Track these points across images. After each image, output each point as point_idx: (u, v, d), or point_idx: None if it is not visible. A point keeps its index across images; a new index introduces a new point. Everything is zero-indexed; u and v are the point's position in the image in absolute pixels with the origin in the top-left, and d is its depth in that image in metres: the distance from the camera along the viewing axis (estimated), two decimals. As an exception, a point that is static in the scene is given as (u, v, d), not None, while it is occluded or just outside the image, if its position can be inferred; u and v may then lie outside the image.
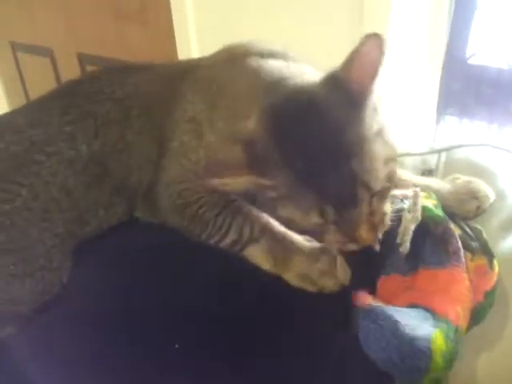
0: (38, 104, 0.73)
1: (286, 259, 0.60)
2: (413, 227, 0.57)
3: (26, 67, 2.27)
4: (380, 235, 0.55)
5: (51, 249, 0.65)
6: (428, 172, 0.72)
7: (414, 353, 0.49)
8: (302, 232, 0.61)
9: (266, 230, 0.61)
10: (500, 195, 0.66)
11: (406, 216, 0.57)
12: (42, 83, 2.17)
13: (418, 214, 0.57)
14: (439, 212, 0.59)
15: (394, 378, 0.52)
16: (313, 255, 0.59)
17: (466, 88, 1.18)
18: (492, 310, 0.57)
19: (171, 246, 0.66)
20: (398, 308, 0.54)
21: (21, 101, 2.38)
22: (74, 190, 0.67)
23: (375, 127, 0.53)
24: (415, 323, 0.51)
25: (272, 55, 0.66)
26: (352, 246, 0.56)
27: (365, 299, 0.55)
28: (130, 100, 0.71)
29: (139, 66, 0.78)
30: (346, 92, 0.52)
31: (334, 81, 0.54)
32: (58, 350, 0.60)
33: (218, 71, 0.69)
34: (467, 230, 0.61)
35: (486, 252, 0.59)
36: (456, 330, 0.52)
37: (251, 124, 0.55)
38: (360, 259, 0.58)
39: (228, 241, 0.62)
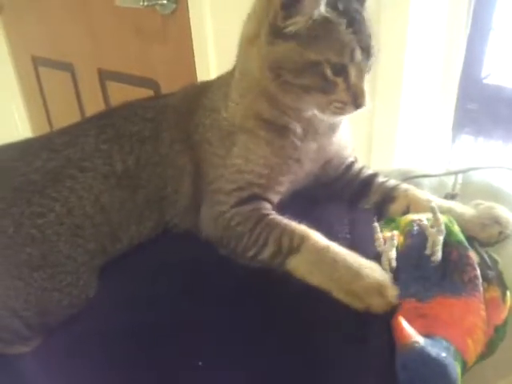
0: (75, 126, 0.77)
1: (331, 272, 0.60)
2: (441, 239, 0.58)
3: (46, 81, 2.32)
4: None
5: (81, 266, 0.68)
6: (451, 196, 0.72)
7: None
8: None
9: (307, 238, 0.62)
10: None
11: (431, 231, 0.59)
12: (61, 97, 2.25)
13: (442, 227, 0.59)
14: (460, 238, 0.60)
15: None
16: (361, 270, 0.59)
17: (481, 107, 1.19)
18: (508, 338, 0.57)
19: (192, 262, 0.69)
20: (432, 342, 0.52)
21: (40, 114, 2.45)
22: (108, 205, 0.70)
23: None
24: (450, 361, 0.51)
25: None
26: (351, 109, 0.64)
27: (410, 336, 0.53)
28: (159, 117, 0.75)
29: (166, 94, 0.86)
30: None
31: None
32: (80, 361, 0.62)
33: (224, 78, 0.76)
34: (485, 257, 0.61)
35: (500, 283, 0.59)
36: (464, 364, 0.52)
37: None
38: None
39: (267, 253, 0.63)
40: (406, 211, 0.69)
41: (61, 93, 2.23)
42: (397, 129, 1.17)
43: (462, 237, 0.60)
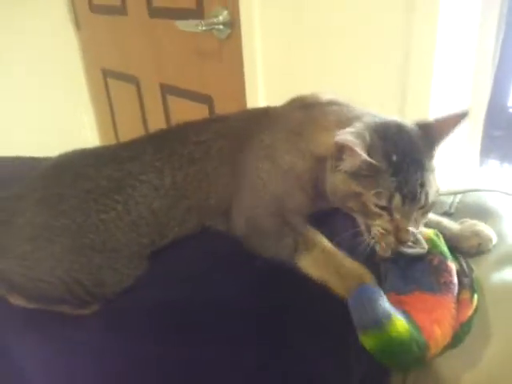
0: (137, 143, 0.91)
1: (337, 273, 0.71)
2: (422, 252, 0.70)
3: (114, 92, 2.50)
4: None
5: (133, 253, 0.82)
6: (447, 215, 0.82)
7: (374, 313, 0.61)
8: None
9: (319, 243, 0.74)
10: (502, 235, 0.75)
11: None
12: (127, 108, 2.41)
13: (424, 245, 0.71)
14: (441, 247, 0.70)
15: None
16: (359, 274, 0.69)
17: (506, 135, 1.26)
18: (477, 335, 0.66)
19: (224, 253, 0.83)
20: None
21: (107, 122, 2.62)
22: (157, 210, 0.84)
23: (434, 166, 0.72)
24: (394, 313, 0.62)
25: (332, 103, 0.83)
26: (390, 240, 0.69)
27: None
28: (210, 142, 0.87)
29: (217, 118, 0.96)
30: (429, 135, 0.71)
31: (425, 124, 0.73)
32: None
33: (296, 113, 0.85)
34: (464, 266, 0.72)
35: (471, 288, 0.69)
36: (424, 343, 0.61)
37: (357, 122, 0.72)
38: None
39: (286, 252, 0.75)
40: None
41: (126, 103, 2.40)
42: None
43: (445, 248, 0.71)
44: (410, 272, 0.69)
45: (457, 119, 0.71)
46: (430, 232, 0.73)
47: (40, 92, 2.41)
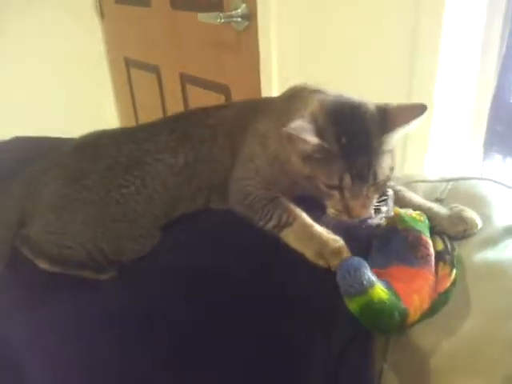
0: (153, 126, 0.99)
1: (308, 240, 0.78)
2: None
3: (136, 81, 2.59)
4: (365, 216, 0.77)
5: (149, 224, 0.90)
6: (438, 200, 0.87)
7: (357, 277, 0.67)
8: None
9: (299, 217, 0.81)
10: (487, 220, 0.80)
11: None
12: (147, 96, 2.49)
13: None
14: (416, 225, 0.76)
15: None
16: (328, 240, 0.77)
17: (509, 129, 1.31)
18: (457, 309, 0.72)
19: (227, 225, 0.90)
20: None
21: (129, 110, 2.71)
22: (171, 186, 0.92)
23: (389, 148, 0.77)
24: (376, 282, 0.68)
25: (316, 92, 0.88)
26: (344, 217, 0.77)
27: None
28: (217, 126, 0.95)
29: (225, 105, 1.06)
30: (385, 120, 0.76)
31: (384, 109, 0.77)
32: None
33: (284, 103, 0.92)
34: (448, 246, 0.77)
35: (452, 264, 0.74)
36: (404, 310, 0.67)
37: (315, 107, 0.78)
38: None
39: (270, 225, 0.82)
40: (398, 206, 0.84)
41: (147, 92, 2.48)
42: (428, 149, 1.31)
43: (420, 225, 0.77)
44: (390, 247, 0.76)
45: (414, 111, 0.75)
46: (416, 212, 0.79)
47: (65, 79, 2.51)
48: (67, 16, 2.43)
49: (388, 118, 0.76)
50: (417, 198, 0.87)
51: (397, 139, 0.78)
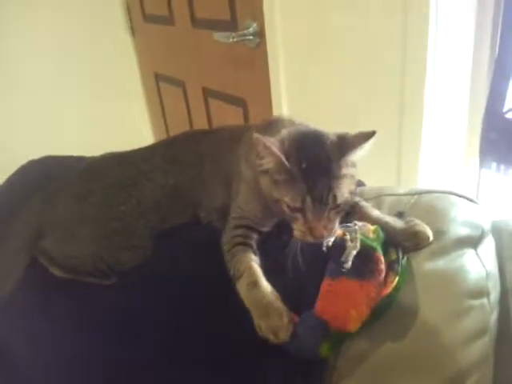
0: (151, 150, 1.12)
1: (254, 302, 0.83)
2: (354, 252, 0.81)
3: (165, 95, 2.73)
4: (328, 237, 0.81)
5: (144, 236, 1.02)
6: (399, 213, 0.92)
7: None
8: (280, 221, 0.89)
9: (248, 270, 0.86)
10: (441, 233, 0.86)
11: (349, 244, 0.82)
12: (175, 109, 2.63)
13: (357, 244, 0.82)
14: (371, 242, 0.82)
15: None
16: (271, 312, 0.80)
17: (502, 139, 1.34)
18: (403, 313, 0.80)
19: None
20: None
21: (159, 121, 2.84)
22: (162, 203, 1.04)
23: (349, 172, 0.82)
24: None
25: (287, 121, 0.95)
26: (309, 238, 0.80)
27: None
28: (205, 153, 1.05)
29: (210, 131, 1.16)
30: (343, 146, 0.81)
31: (343, 137, 0.82)
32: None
33: (261, 131, 0.97)
34: (400, 257, 0.83)
35: (397, 273, 0.81)
36: (339, 334, 0.79)
37: (284, 134, 0.84)
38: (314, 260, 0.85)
39: (231, 273, 0.88)
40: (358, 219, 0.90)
41: (174, 105, 2.62)
42: (420, 158, 1.36)
43: (375, 244, 0.83)
44: (343, 260, 0.82)
45: (367, 136, 0.80)
46: (373, 228, 0.86)
47: (100, 93, 2.68)
48: (101, 33, 2.60)
49: (345, 144, 0.81)
50: (376, 213, 0.92)
51: (355, 163, 0.83)
